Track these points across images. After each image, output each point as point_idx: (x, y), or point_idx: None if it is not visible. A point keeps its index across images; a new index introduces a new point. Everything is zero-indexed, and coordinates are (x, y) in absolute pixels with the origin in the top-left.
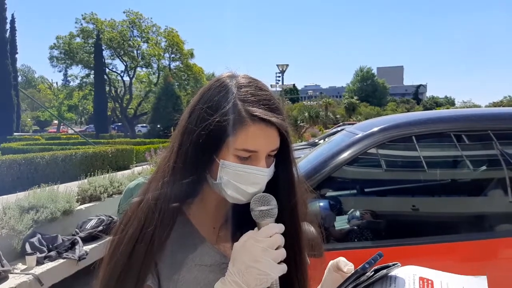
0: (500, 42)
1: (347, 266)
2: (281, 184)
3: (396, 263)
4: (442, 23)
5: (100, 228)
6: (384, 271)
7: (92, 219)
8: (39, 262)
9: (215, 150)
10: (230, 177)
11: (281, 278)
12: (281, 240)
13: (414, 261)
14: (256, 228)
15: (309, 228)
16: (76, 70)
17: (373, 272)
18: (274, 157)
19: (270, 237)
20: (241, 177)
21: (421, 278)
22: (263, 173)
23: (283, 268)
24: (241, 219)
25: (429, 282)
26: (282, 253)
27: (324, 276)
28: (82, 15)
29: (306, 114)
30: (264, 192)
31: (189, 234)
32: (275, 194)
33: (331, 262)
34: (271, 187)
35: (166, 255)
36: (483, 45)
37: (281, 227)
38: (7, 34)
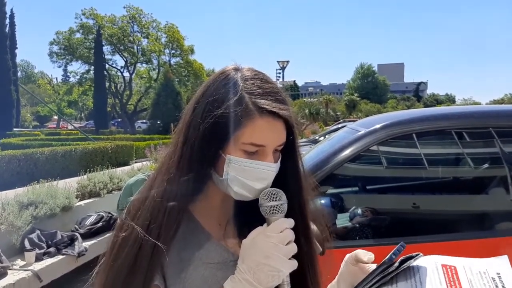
0: (501, 40)
1: (367, 255)
2: (288, 178)
3: (419, 253)
4: (443, 20)
5: (100, 224)
6: (411, 260)
7: (92, 215)
8: (38, 258)
9: (221, 144)
10: (236, 173)
11: (292, 274)
12: (291, 235)
13: None
14: (265, 224)
15: (312, 226)
16: (76, 66)
17: (398, 264)
18: (280, 152)
19: (281, 232)
20: (248, 173)
21: (443, 265)
22: (271, 169)
23: (294, 264)
24: (247, 215)
25: (452, 268)
26: (293, 248)
27: (340, 269)
28: (82, 10)
29: (307, 111)
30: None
31: (195, 231)
32: (282, 189)
33: (348, 255)
34: (276, 182)
35: (172, 253)
36: (484, 42)
37: (291, 222)
38: (7, 29)
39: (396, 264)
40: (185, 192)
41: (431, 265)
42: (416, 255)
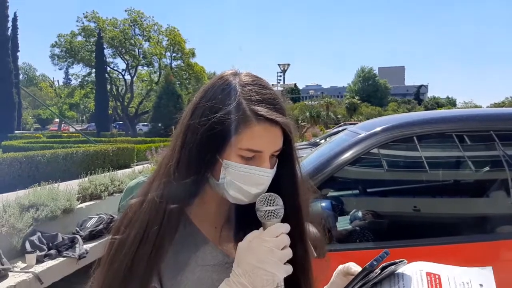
0: (502, 43)
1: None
2: (285, 184)
3: (403, 260)
4: (444, 23)
5: (101, 226)
6: (393, 267)
7: (93, 217)
8: (39, 261)
9: (219, 150)
10: (233, 178)
11: (286, 278)
12: (287, 240)
13: None
14: (261, 228)
15: (310, 229)
16: (78, 69)
17: (380, 270)
18: (276, 157)
19: (277, 237)
20: (244, 178)
21: (428, 273)
22: (267, 174)
23: (289, 269)
24: (243, 219)
25: (436, 276)
26: (288, 253)
27: (331, 279)
28: (83, 14)
29: (307, 113)
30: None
31: (191, 234)
32: (278, 194)
33: (340, 266)
34: (272, 186)
35: (168, 256)
36: (485, 45)
37: (287, 227)
38: (9, 32)
39: (378, 270)
40: (182, 195)
41: (416, 273)
42: (400, 261)
